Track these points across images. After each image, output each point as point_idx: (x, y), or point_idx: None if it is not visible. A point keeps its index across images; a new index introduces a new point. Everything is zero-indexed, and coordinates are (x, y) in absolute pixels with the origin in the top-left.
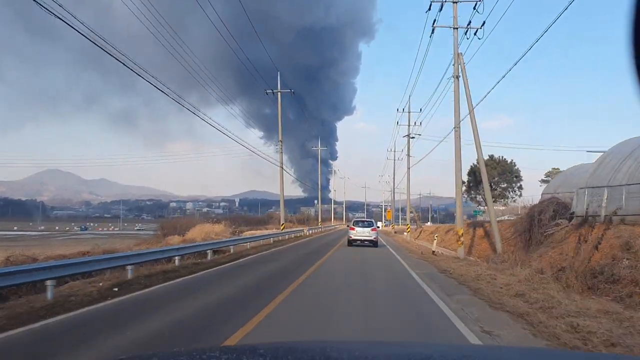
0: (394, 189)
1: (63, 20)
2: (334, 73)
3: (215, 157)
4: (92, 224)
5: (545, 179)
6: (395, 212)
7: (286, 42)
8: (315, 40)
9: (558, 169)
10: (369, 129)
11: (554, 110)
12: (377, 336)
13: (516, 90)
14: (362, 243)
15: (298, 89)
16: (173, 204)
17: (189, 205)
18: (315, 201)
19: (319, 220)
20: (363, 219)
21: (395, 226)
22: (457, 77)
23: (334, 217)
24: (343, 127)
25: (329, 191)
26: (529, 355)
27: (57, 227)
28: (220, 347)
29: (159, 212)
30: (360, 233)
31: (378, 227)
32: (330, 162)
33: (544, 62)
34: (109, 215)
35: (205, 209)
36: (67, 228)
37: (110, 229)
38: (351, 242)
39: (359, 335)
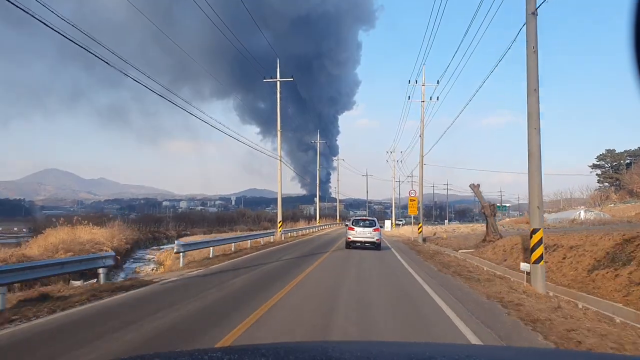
0: (422, 147)
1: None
2: (331, 64)
3: (217, 156)
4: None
5: (597, 162)
6: (396, 210)
7: (281, 30)
8: (311, 29)
9: (614, 149)
10: (372, 125)
11: None
12: None
13: None
14: (363, 245)
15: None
16: (166, 203)
17: (183, 204)
18: (315, 198)
19: (279, 219)
20: (364, 217)
21: (420, 228)
22: None
23: (327, 216)
24: (346, 127)
25: (329, 187)
26: (531, 355)
27: (15, 229)
28: (222, 348)
29: (150, 210)
30: (361, 234)
31: (381, 226)
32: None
33: None
34: (93, 214)
35: (199, 208)
36: (25, 230)
37: None
38: (350, 245)
39: None
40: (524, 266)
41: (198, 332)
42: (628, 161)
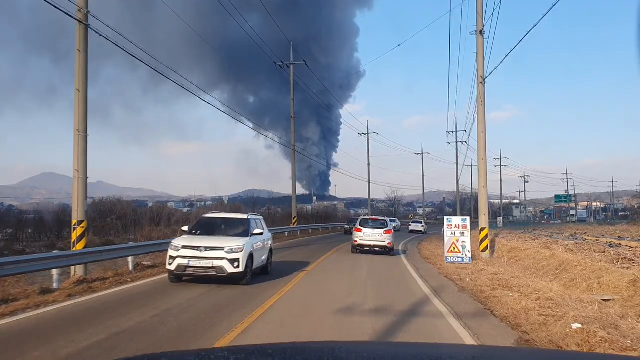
0: None
1: None
2: (320, 50)
3: (216, 157)
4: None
5: None
6: (415, 211)
7: (265, 13)
8: (300, 9)
9: None
10: (376, 123)
11: None
12: None
13: None
14: (372, 250)
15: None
16: (151, 204)
17: (172, 205)
18: (315, 197)
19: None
20: (374, 217)
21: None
22: None
23: (315, 216)
24: (349, 123)
25: (329, 184)
26: (537, 357)
27: None
28: (229, 348)
29: (133, 212)
30: (370, 236)
31: (394, 228)
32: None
33: None
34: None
35: (186, 209)
36: None
37: None
38: (356, 249)
39: None
40: None
41: None
42: None
